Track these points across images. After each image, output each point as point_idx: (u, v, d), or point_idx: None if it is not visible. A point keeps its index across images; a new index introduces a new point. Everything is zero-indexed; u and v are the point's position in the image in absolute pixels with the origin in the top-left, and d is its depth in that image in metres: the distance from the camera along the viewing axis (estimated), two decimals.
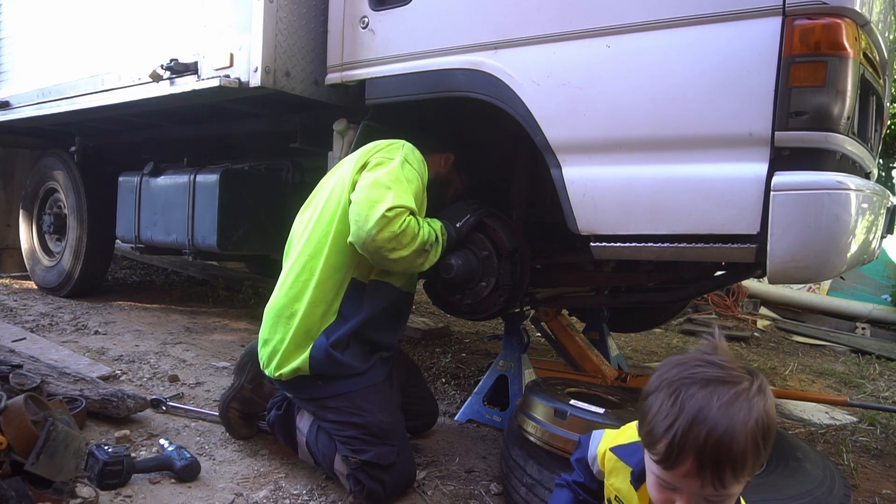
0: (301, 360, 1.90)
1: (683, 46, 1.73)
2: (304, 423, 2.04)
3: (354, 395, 1.91)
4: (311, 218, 2.03)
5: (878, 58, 1.86)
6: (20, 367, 2.27)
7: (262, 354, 2.02)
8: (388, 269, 1.96)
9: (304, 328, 1.92)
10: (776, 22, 1.60)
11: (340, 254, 1.93)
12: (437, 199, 2.19)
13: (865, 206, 1.69)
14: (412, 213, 1.88)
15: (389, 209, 1.80)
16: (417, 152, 2.03)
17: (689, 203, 1.72)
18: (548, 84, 1.93)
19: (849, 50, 1.57)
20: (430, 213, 2.11)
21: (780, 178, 1.59)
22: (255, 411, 2.26)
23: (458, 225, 2.13)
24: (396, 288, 2.04)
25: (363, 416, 1.88)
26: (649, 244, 1.79)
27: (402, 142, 2.03)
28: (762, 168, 1.62)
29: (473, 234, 2.21)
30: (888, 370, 4.31)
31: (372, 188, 1.85)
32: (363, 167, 1.95)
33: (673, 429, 0.94)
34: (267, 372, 2.00)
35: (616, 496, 1.19)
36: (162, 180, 3.67)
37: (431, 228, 1.98)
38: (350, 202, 1.90)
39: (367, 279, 1.98)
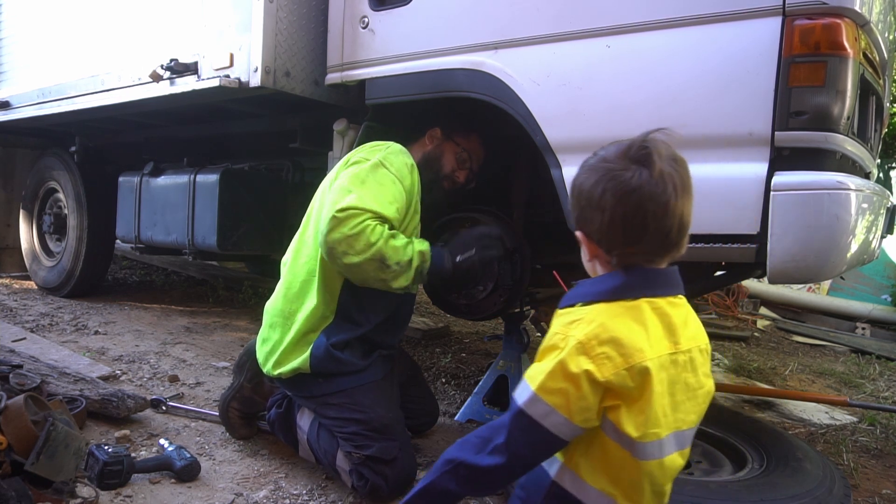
0: (301, 359, 1.91)
1: (683, 46, 1.73)
2: (304, 420, 2.04)
3: (354, 391, 1.92)
4: (309, 219, 2.04)
5: (878, 58, 1.86)
6: (20, 367, 2.26)
7: (260, 353, 2.03)
8: (353, 279, 1.85)
9: (303, 330, 1.93)
10: (776, 22, 1.61)
11: None
12: (434, 173, 2.15)
13: (865, 206, 1.69)
14: (379, 218, 1.79)
15: (340, 210, 1.74)
16: (403, 156, 1.97)
17: None
18: (548, 84, 1.93)
19: (849, 50, 1.57)
20: (431, 200, 2.08)
21: (780, 178, 1.59)
22: (256, 410, 2.26)
23: (457, 259, 1.94)
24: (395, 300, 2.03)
25: (364, 413, 1.89)
26: None
27: (388, 144, 2.00)
28: (762, 168, 1.62)
29: None
30: (888, 370, 4.31)
31: (338, 190, 1.83)
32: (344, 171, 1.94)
33: None
34: (265, 370, 2.01)
35: None
36: (162, 180, 3.67)
37: (408, 246, 1.83)
38: None
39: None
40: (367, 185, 1.83)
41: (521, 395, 1.07)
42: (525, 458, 1.08)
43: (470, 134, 2.23)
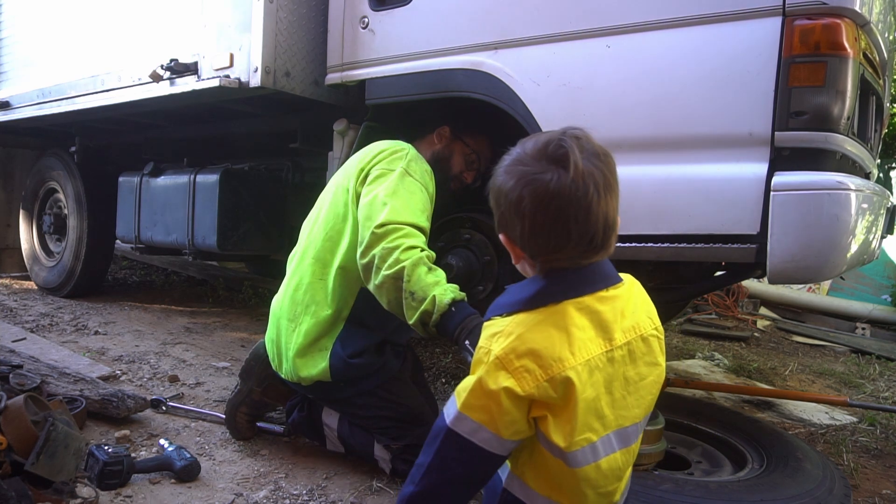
0: (320, 370, 1.92)
1: (684, 46, 1.73)
2: (331, 419, 2.08)
3: (378, 389, 1.96)
4: (316, 220, 2.03)
5: (877, 58, 1.87)
6: (20, 367, 2.26)
7: (271, 353, 2.06)
8: (380, 300, 1.73)
9: (313, 334, 1.94)
10: (776, 22, 1.61)
11: (353, 263, 1.91)
12: (442, 174, 2.13)
13: (865, 206, 1.69)
14: (417, 229, 1.74)
15: (379, 225, 1.70)
16: (422, 162, 1.96)
17: (690, 203, 1.72)
18: (548, 84, 1.93)
19: (849, 50, 1.58)
20: (440, 201, 2.05)
21: (780, 178, 1.59)
22: (264, 413, 2.27)
23: (466, 343, 1.55)
24: None
25: (392, 408, 1.95)
26: (649, 244, 1.79)
27: (406, 150, 1.96)
28: (762, 168, 1.62)
29: (476, 235, 2.21)
30: (888, 370, 4.30)
31: (370, 205, 1.79)
32: (365, 178, 1.89)
33: None
34: (282, 374, 2.03)
35: None
36: (162, 180, 3.67)
37: (433, 286, 1.61)
38: (344, 207, 1.91)
39: None
40: (399, 196, 1.78)
41: (449, 411, 1.04)
42: (459, 476, 1.04)
43: (478, 134, 2.22)
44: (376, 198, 1.79)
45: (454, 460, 1.03)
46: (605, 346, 1.02)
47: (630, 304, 1.09)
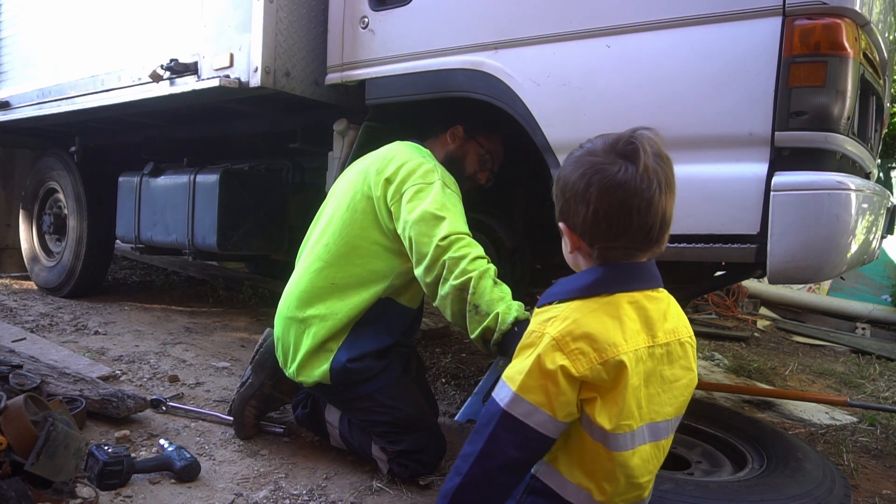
0: (321, 371, 1.93)
1: (683, 46, 1.73)
2: (333, 416, 2.09)
3: (376, 394, 1.96)
4: (330, 224, 2.01)
5: (878, 58, 1.87)
6: (20, 367, 2.26)
7: (278, 353, 2.07)
8: (445, 312, 1.71)
9: (322, 338, 1.94)
10: (776, 22, 1.61)
11: (372, 272, 1.92)
12: (456, 175, 2.09)
13: (865, 206, 1.69)
14: (472, 238, 1.73)
15: (443, 238, 1.68)
16: (446, 171, 1.95)
17: (690, 203, 1.72)
18: (548, 84, 1.93)
19: (849, 50, 1.58)
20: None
21: (781, 178, 1.59)
22: (272, 408, 2.28)
23: None
24: (418, 307, 2.07)
25: (390, 413, 1.94)
26: None
27: (431, 160, 1.94)
28: (762, 168, 1.62)
29: (475, 234, 2.20)
30: (888, 370, 4.31)
31: (422, 221, 1.74)
32: (397, 195, 1.84)
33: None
34: (287, 373, 2.04)
35: None
36: (162, 180, 3.67)
37: (498, 302, 1.59)
38: (363, 215, 1.91)
39: (399, 299, 1.98)
40: (449, 208, 1.77)
41: (501, 396, 1.06)
42: (513, 460, 1.06)
43: (492, 134, 2.20)
44: (426, 213, 1.75)
45: (509, 444, 1.05)
46: (649, 341, 1.08)
47: (671, 309, 1.16)
